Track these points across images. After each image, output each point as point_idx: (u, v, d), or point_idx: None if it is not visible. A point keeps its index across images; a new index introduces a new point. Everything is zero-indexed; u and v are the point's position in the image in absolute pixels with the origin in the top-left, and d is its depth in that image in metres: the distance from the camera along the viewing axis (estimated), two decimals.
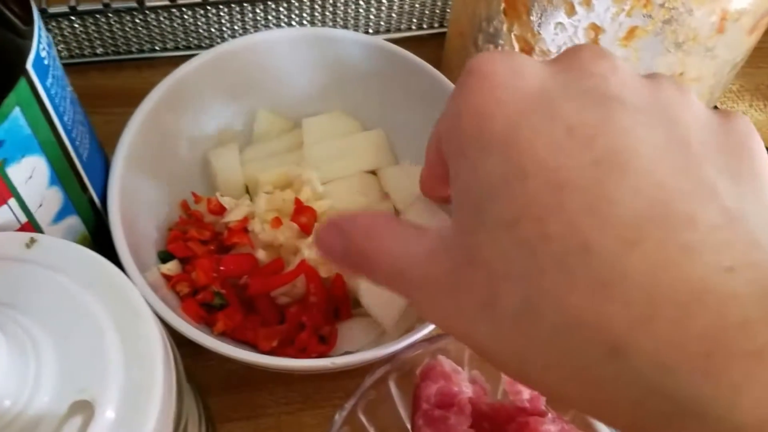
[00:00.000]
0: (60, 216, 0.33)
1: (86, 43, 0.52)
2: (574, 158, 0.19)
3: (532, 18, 0.37)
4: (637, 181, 0.18)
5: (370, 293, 0.40)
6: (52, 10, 0.49)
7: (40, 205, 0.31)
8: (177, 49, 0.54)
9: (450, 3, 0.56)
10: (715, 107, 0.51)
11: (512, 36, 0.39)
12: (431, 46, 0.56)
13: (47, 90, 0.29)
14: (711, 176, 0.19)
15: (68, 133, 0.31)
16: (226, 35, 0.54)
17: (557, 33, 0.36)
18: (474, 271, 0.20)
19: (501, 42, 0.40)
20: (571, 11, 0.35)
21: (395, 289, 0.24)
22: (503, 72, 0.21)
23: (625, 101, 0.20)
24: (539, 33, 0.37)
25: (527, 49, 0.39)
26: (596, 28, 0.35)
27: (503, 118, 0.20)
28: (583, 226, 0.18)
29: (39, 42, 0.28)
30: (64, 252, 0.28)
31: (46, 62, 0.29)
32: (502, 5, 0.38)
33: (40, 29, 0.28)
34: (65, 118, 0.31)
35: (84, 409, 0.24)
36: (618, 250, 0.17)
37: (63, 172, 0.32)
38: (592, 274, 0.17)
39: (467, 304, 0.20)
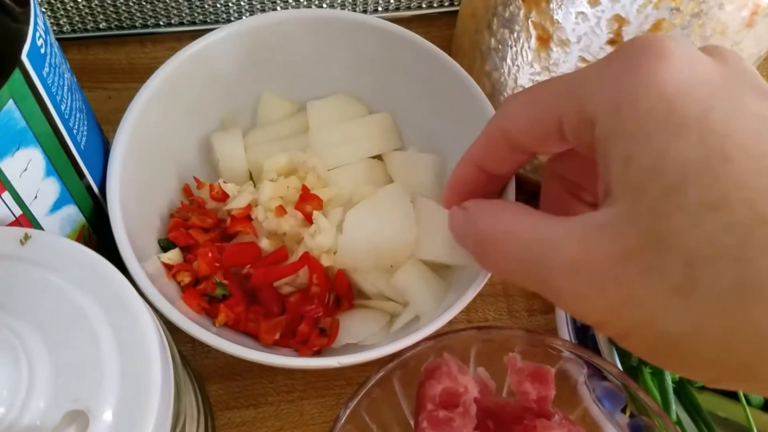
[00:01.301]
0: (56, 206, 0.32)
1: (89, 17, 0.51)
2: None
3: (551, 5, 0.35)
4: None
5: (406, 277, 0.40)
6: None
7: (36, 197, 0.30)
8: (182, 24, 0.53)
9: None
10: None
11: (529, 22, 0.37)
12: (440, 25, 0.54)
13: (43, 80, 0.27)
14: None
15: (65, 122, 0.30)
16: (231, 11, 0.52)
17: (578, 22, 0.35)
18: (663, 255, 0.20)
19: (517, 28, 0.39)
20: (594, 1, 0.33)
21: (525, 277, 0.24)
22: (681, 56, 0.21)
23: None
24: (559, 21, 0.36)
25: (545, 37, 0.37)
26: (621, 20, 0.33)
27: (696, 102, 0.20)
28: None
29: (35, 29, 0.26)
30: (59, 249, 0.27)
31: (42, 51, 0.27)
32: None
33: (36, 16, 0.26)
34: (62, 108, 0.30)
35: (78, 418, 0.23)
36: None
37: (60, 163, 0.31)
38: None
39: (651, 289, 0.20)
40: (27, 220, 0.30)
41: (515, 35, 0.39)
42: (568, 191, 0.30)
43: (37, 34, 0.27)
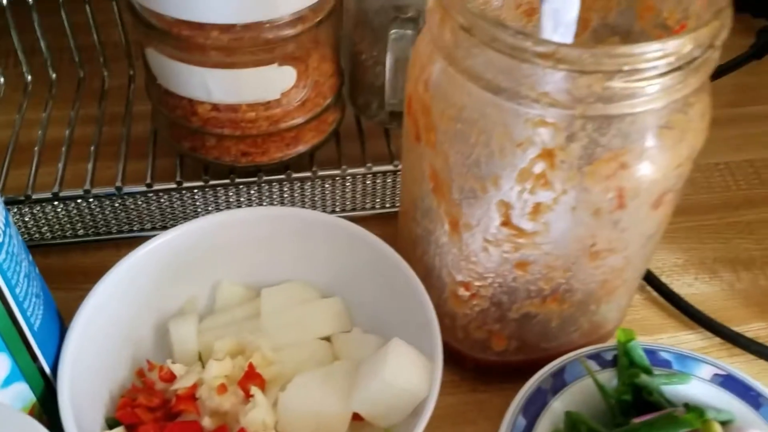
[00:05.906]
0: (7, 382, 0.35)
1: (68, 226, 0.56)
2: None
3: (454, 196, 0.41)
4: None
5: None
6: (36, 195, 0.54)
7: None
8: (154, 229, 0.58)
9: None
10: None
11: (441, 212, 0.43)
12: (391, 223, 0.60)
13: None
14: None
15: (19, 304, 0.34)
16: (200, 215, 0.58)
17: (476, 209, 0.40)
18: None
19: (434, 217, 0.44)
20: (483, 189, 0.38)
21: None
22: None
23: None
24: (461, 209, 0.41)
25: (454, 222, 0.42)
26: (506, 205, 0.38)
27: None
28: None
29: None
30: (6, 419, 0.29)
31: (0, 240, 0.32)
32: (431, 185, 0.42)
33: None
34: (17, 290, 0.34)
35: None
36: None
37: (11, 340, 0.34)
38: None
39: None
40: None
41: (433, 224, 0.44)
42: None
43: None
